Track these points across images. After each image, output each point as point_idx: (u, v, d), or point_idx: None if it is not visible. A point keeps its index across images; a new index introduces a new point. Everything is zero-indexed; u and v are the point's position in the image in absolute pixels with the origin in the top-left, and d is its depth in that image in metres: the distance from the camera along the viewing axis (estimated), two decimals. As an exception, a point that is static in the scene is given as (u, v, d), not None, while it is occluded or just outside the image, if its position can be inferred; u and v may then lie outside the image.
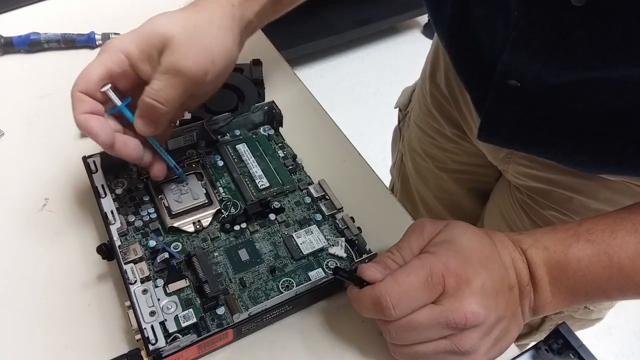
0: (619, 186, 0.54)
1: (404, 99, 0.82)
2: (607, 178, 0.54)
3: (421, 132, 0.77)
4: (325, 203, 0.51)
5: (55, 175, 0.55)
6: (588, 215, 0.58)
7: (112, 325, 0.45)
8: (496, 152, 0.62)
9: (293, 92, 0.66)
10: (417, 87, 0.78)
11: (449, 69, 0.65)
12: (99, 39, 0.68)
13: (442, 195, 0.82)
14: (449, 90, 0.67)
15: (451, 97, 0.67)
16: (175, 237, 0.48)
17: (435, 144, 0.75)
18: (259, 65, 0.65)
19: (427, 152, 0.78)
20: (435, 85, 0.70)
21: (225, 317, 0.43)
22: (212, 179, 0.52)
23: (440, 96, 0.70)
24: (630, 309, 1.41)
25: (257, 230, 0.49)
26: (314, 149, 0.58)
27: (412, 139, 0.81)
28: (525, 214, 0.65)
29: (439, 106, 0.71)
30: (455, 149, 0.73)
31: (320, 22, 1.89)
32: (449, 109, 0.69)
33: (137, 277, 0.43)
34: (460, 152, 0.73)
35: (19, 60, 0.67)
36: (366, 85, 1.95)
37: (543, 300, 0.41)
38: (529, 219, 0.64)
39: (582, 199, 0.57)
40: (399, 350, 0.41)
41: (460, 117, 0.67)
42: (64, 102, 0.62)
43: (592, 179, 0.55)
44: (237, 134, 0.57)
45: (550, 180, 0.58)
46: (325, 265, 0.47)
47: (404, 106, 0.82)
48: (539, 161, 0.58)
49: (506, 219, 0.69)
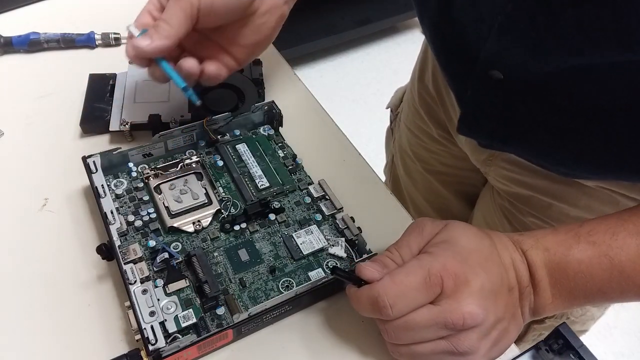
0: (598, 194, 0.54)
1: (395, 99, 0.82)
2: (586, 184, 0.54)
3: (410, 133, 0.77)
4: (325, 203, 0.51)
5: (55, 175, 0.55)
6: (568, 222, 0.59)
7: (111, 326, 0.44)
8: (478, 153, 0.62)
9: (293, 92, 0.65)
10: (407, 88, 0.78)
11: (437, 69, 0.65)
12: (99, 39, 0.68)
13: (431, 197, 0.81)
14: (436, 90, 0.67)
15: (438, 98, 0.67)
16: (175, 237, 0.48)
17: (423, 145, 0.75)
18: (259, 65, 0.65)
19: (416, 153, 0.77)
20: (423, 86, 0.70)
21: (225, 317, 0.43)
22: (212, 179, 0.52)
23: (427, 97, 0.69)
24: (630, 309, 1.41)
25: (257, 230, 0.49)
26: (314, 149, 0.58)
27: (402, 140, 0.80)
28: (506, 219, 0.65)
29: (427, 107, 0.70)
30: (441, 150, 0.73)
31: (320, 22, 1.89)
32: (435, 109, 0.69)
33: (137, 277, 0.43)
34: (446, 155, 0.73)
35: (19, 60, 0.67)
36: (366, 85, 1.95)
37: (543, 301, 0.41)
38: (510, 225, 0.64)
39: (562, 206, 0.57)
40: (397, 349, 0.41)
41: (446, 118, 0.67)
42: (64, 102, 0.62)
43: (572, 186, 0.55)
44: (237, 133, 0.57)
45: (530, 185, 0.58)
46: (325, 266, 0.47)
47: (395, 107, 0.82)
48: (520, 164, 0.58)
49: (489, 224, 0.69)
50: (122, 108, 0.58)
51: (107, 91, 0.61)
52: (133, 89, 0.60)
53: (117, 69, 0.63)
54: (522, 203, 0.61)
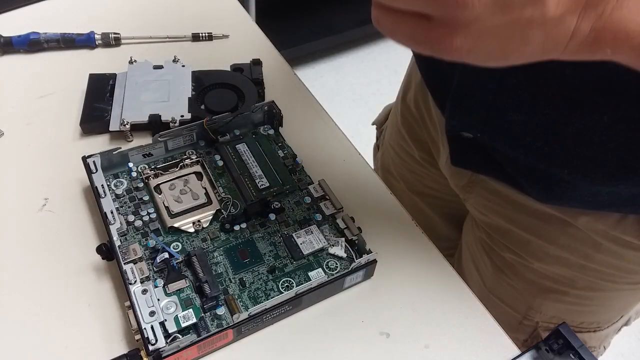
0: (580, 234, 0.52)
1: (381, 116, 0.80)
2: (568, 221, 0.52)
3: (393, 152, 0.75)
4: (325, 203, 0.51)
5: (55, 175, 0.55)
6: (547, 261, 0.56)
7: (111, 326, 0.44)
8: (457, 178, 0.60)
9: (293, 92, 0.65)
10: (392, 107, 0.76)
11: (419, 90, 0.64)
12: (99, 39, 0.68)
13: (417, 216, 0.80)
14: (417, 110, 0.65)
15: (420, 118, 0.65)
16: (175, 237, 0.48)
17: (406, 166, 0.74)
18: (259, 65, 0.65)
19: (400, 173, 0.76)
20: (405, 106, 0.68)
21: (225, 318, 0.43)
22: (212, 179, 0.52)
23: (410, 117, 0.68)
24: (630, 309, 1.41)
25: (257, 230, 0.49)
26: (314, 149, 0.58)
27: (385, 158, 0.79)
28: (486, 254, 0.63)
29: (409, 127, 0.69)
30: (423, 173, 0.71)
31: (320, 22, 1.89)
32: (417, 130, 0.67)
33: (137, 277, 0.43)
34: (428, 178, 0.71)
35: (19, 60, 0.67)
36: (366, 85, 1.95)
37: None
38: (490, 260, 0.63)
39: (541, 243, 0.55)
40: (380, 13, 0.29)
41: (428, 139, 0.65)
42: (64, 102, 0.62)
43: (551, 223, 0.53)
44: (237, 133, 0.57)
45: (510, 217, 0.57)
46: (325, 265, 0.47)
47: (380, 123, 0.80)
48: (500, 194, 0.56)
49: (473, 256, 0.67)
50: (122, 108, 0.58)
51: (107, 91, 0.61)
52: (133, 89, 0.60)
53: (117, 69, 0.63)
54: (500, 236, 0.59)
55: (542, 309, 0.61)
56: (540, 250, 0.56)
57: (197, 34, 0.70)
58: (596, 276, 0.55)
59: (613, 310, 0.62)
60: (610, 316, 0.62)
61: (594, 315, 0.61)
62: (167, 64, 0.63)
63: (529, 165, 0.49)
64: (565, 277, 0.57)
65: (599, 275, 0.55)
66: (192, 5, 0.76)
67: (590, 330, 0.62)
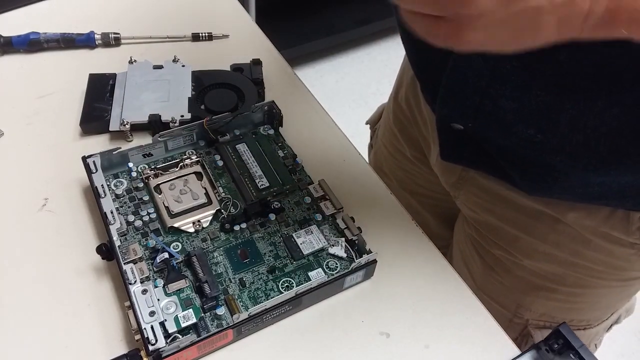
0: (569, 230, 0.53)
1: (375, 115, 0.80)
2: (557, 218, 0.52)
3: (386, 150, 0.76)
4: (325, 203, 0.51)
5: (55, 175, 0.55)
6: (536, 258, 0.56)
7: (111, 326, 0.44)
8: (448, 175, 0.60)
9: (293, 92, 0.65)
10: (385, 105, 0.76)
11: (410, 88, 0.64)
12: (99, 39, 0.68)
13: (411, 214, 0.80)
14: (408, 108, 0.65)
15: (411, 116, 0.65)
16: (175, 237, 0.48)
17: (398, 164, 0.74)
18: (259, 65, 0.65)
19: (392, 171, 0.76)
20: (397, 105, 0.69)
21: (225, 318, 0.43)
22: (212, 179, 0.52)
23: (401, 115, 0.68)
24: (630, 309, 1.41)
25: (257, 230, 0.49)
26: (314, 149, 0.58)
27: (378, 156, 0.79)
28: (476, 251, 0.63)
29: (400, 126, 0.69)
30: (415, 171, 0.71)
31: (320, 22, 1.89)
32: (409, 128, 0.67)
33: (137, 277, 0.43)
34: (419, 176, 0.71)
35: (19, 60, 0.67)
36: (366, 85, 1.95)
37: None
38: (480, 257, 0.63)
39: (530, 240, 0.56)
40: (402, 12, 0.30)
41: (420, 137, 0.65)
42: (64, 102, 0.62)
43: (541, 220, 0.53)
44: (237, 133, 0.57)
45: (499, 214, 0.57)
46: (325, 265, 0.47)
47: (374, 122, 0.81)
48: (490, 191, 0.56)
49: (463, 254, 0.67)
50: (122, 108, 0.58)
51: (107, 91, 0.61)
52: (133, 89, 0.60)
53: (117, 69, 0.63)
54: (489, 233, 0.60)
55: (532, 307, 0.61)
56: (530, 247, 0.56)
57: (197, 34, 0.70)
58: (586, 273, 0.56)
59: (603, 307, 0.62)
60: (600, 313, 0.63)
61: (584, 313, 0.61)
62: (167, 64, 0.63)
63: (520, 154, 0.49)
64: (554, 274, 0.57)
65: (588, 272, 0.55)
66: (192, 5, 0.76)
67: (580, 328, 0.62)
